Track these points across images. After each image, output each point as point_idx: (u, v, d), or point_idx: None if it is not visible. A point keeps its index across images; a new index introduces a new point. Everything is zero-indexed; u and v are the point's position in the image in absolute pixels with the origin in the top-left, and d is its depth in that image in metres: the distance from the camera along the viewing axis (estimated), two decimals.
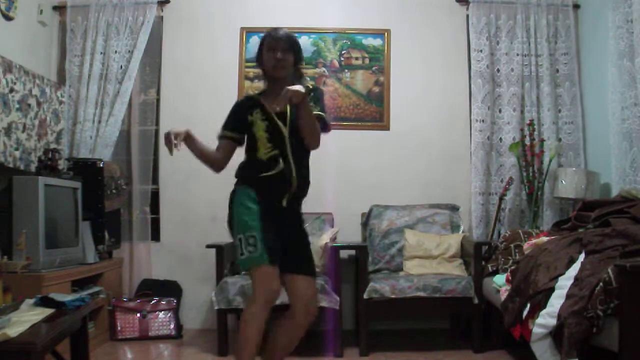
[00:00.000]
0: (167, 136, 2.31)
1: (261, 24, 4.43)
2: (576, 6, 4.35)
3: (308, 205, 2.58)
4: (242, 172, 2.42)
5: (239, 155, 2.53)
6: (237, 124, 2.45)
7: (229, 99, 4.37)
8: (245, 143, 2.47)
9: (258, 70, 4.68)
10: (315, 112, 2.31)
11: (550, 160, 4.09)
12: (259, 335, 2.20)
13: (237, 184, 2.43)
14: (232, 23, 4.43)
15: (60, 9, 4.36)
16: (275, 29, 2.42)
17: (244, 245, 2.24)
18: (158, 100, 4.45)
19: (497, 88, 4.34)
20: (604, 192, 3.89)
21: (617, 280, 2.19)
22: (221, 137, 2.50)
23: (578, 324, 2.22)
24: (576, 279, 2.42)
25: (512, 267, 3.17)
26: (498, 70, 4.34)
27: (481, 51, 4.31)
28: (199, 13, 4.46)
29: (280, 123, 2.35)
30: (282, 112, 2.33)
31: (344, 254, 3.97)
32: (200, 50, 4.44)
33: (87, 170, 3.80)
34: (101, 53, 4.26)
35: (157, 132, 4.41)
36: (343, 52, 4.44)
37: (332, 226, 4.09)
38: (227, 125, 2.50)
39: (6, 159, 3.42)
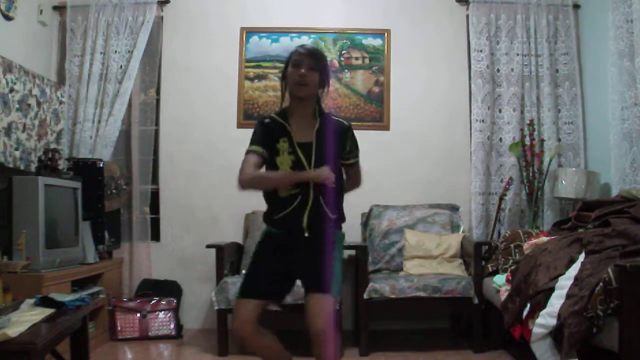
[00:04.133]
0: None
1: (261, 24, 4.44)
2: (576, 6, 4.35)
3: None
4: (264, 214, 2.34)
5: None
6: (266, 143, 2.24)
7: (229, 99, 4.41)
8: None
9: (258, 71, 4.71)
10: (353, 161, 2.38)
11: (550, 160, 4.09)
12: (263, 342, 2.20)
13: (264, 222, 2.37)
14: (232, 23, 4.43)
15: (60, 9, 4.36)
16: (303, 44, 2.33)
17: None
18: (158, 100, 4.45)
19: (497, 88, 4.34)
20: (604, 192, 3.89)
21: (617, 280, 2.19)
22: (252, 153, 2.25)
23: (578, 324, 2.22)
24: (576, 279, 2.42)
25: (512, 267, 3.17)
26: (498, 70, 4.34)
27: (481, 51, 4.31)
28: (199, 13, 4.46)
29: (304, 160, 2.21)
30: (307, 142, 2.23)
31: (344, 253, 3.97)
32: (200, 50, 4.44)
33: (87, 170, 3.80)
34: (101, 53, 4.26)
35: (157, 132, 4.41)
36: (343, 52, 4.44)
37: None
38: (258, 141, 2.26)
39: (6, 159, 3.42)
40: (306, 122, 2.27)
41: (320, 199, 2.21)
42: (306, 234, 2.22)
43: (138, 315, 3.91)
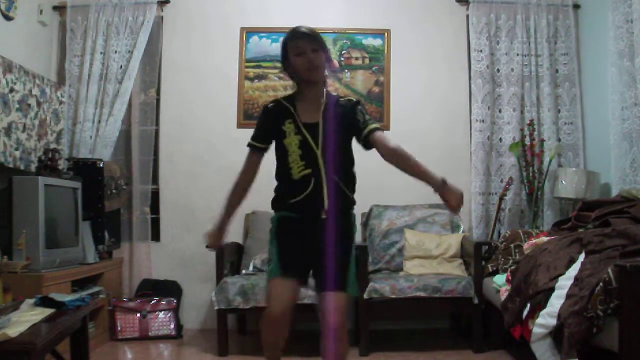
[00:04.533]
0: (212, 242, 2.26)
1: (261, 24, 4.44)
2: (576, 6, 4.35)
3: None
4: (274, 200, 2.25)
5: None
6: (269, 133, 2.22)
7: (229, 99, 4.41)
8: (276, 158, 2.23)
9: (258, 71, 4.70)
10: (373, 126, 2.20)
11: (550, 160, 4.09)
12: (279, 340, 2.13)
13: (273, 209, 2.28)
14: (232, 23, 4.43)
15: (60, 9, 4.36)
16: (296, 29, 2.20)
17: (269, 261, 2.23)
18: (158, 100, 4.45)
19: (497, 88, 4.34)
20: (604, 192, 3.89)
21: (617, 280, 2.19)
22: (252, 147, 2.26)
23: (578, 324, 2.22)
24: (576, 279, 2.42)
25: (512, 267, 3.17)
26: (498, 70, 4.34)
27: (481, 51, 4.31)
28: (199, 13, 4.46)
29: (311, 140, 2.15)
30: (313, 123, 2.16)
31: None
32: (200, 50, 4.44)
33: (87, 170, 3.81)
34: (101, 53, 4.26)
35: (157, 132, 4.41)
36: (343, 52, 4.44)
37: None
38: (259, 137, 2.25)
39: (6, 159, 3.42)
40: (313, 103, 2.21)
41: (335, 177, 2.14)
42: (323, 216, 2.13)
43: (138, 315, 3.91)
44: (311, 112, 2.19)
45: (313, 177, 2.13)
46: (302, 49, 2.14)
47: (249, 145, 2.25)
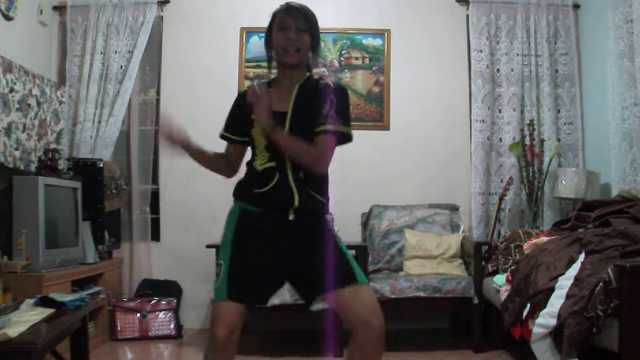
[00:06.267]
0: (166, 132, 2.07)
1: (261, 24, 4.38)
2: (576, 6, 4.35)
3: None
4: (237, 187, 2.04)
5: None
6: (239, 123, 2.03)
7: (229, 99, 4.35)
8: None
9: (258, 71, 4.71)
10: (326, 127, 1.92)
11: (550, 160, 4.09)
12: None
13: (234, 197, 2.06)
14: (232, 23, 4.43)
15: (60, 9, 4.36)
16: (288, 2, 1.99)
17: (218, 273, 1.92)
18: (158, 100, 4.45)
19: (497, 88, 4.34)
20: (604, 192, 3.89)
21: (617, 280, 2.19)
22: (224, 138, 2.12)
23: (578, 324, 2.22)
24: (576, 279, 2.42)
25: (512, 267, 3.17)
26: (498, 70, 4.34)
27: (481, 51, 4.31)
28: (199, 13, 4.46)
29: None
30: (280, 112, 1.91)
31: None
32: (200, 50, 4.44)
33: (87, 170, 3.81)
34: (101, 53, 4.26)
35: (157, 132, 4.41)
36: (343, 52, 4.44)
37: (333, 226, 4.08)
38: (228, 126, 2.10)
39: (6, 159, 3.42)
40: (287, 90, 1.96)
41: (301, 174, 1.90)
42: (291, 217, 1.89)
43: (138, 315, 3.91)
44: (282, 100, 1.94)
45: (277, 171, 1.90)
46: (286, 24, 1.93)
47: (220, 136, 2.11)
